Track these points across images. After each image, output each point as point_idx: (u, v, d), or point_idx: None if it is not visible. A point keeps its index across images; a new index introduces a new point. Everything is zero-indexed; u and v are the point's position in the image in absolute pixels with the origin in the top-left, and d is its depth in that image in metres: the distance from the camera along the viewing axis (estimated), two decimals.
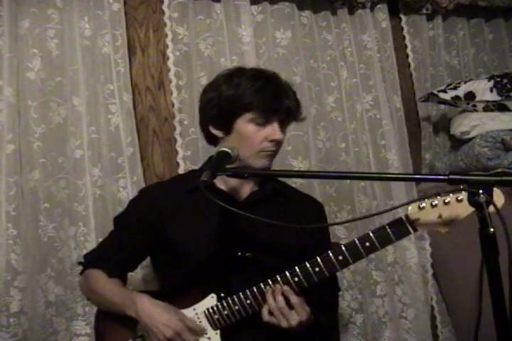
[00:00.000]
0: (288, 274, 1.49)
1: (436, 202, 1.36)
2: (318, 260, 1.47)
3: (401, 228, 1.42)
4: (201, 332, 1.53)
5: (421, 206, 1.38)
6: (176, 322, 1.48)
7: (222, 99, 1.58)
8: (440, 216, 1.37)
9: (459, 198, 1.33)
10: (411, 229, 1.41)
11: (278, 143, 1.61)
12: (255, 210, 1.35)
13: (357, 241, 1.45)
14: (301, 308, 1.47)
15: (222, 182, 1.65)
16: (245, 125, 1.57)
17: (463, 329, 2.49)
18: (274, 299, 1.46)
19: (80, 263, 1.77)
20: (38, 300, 1.95)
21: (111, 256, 1.67)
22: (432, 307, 2.51)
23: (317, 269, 1.47)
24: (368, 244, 1.44)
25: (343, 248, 1.46)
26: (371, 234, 1.44)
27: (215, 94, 1.61)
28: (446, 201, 1.35)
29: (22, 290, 1.91)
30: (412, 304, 2.43)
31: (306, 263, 1.48)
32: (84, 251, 1.88)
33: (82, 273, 1.74)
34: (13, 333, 1.88)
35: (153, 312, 1.49)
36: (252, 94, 1.55)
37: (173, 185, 1.76)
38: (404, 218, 1.41)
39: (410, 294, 2.43)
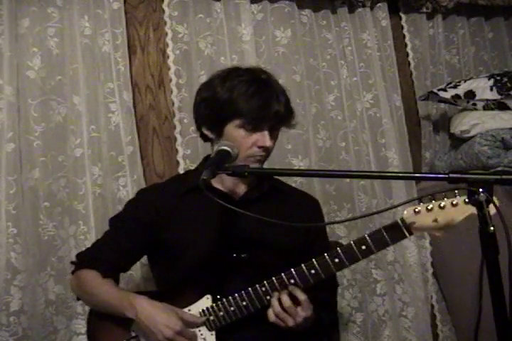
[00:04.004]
0: (284, 276, 1.50)
1: (431, 206, 1.37)
2: (314, 262, 1.49)
3: (397, 232, 1.44)
4: (201, 325, 1.53)
5: (416, 210, 1.39)
6: (175, 321, 1.48)
7: (214, 101, 1.59)
8: (435, 220, 1.38)
9: (454, 202, 1.35)
10: (406, 233, 1.43)
11: (267, 150, 1.60)
12: (252, 209, 1.35)
13: (353, 244, 1.47)
14: (308, 304, 1.50)
15: (218, 182, 1.65)
16: (235, 130, 1.57)
17: (463, 328, 2.49)
18: (279, 301, 1.48)
19: (72, 262, 1.72)
20: (38, 298, 1.95)
21: (105, 256, 1.64)
22: (432, 306, 2.51)
23: (313, 271, 1.49)
24: (364, 247, 1.46)
25: (339, 250, 1.48)
26: (367, 237, 1.46)
27: (209, 94, 1.62)
28: (441, 205, 1.36)
29: (22, 288, 1.90)
30: (412, 303, 2.43)
31: (302, 265, 1.49)
32: None
33: (73, 272, 1.70)
34: (13, 332, 1.88)
35: (152, 313, 1.49)
36: (243, 101, 1.55)
37: (171, 186, 1.75)
38: (400, 222, 1.43)
39: (410, 293, 2.43)
